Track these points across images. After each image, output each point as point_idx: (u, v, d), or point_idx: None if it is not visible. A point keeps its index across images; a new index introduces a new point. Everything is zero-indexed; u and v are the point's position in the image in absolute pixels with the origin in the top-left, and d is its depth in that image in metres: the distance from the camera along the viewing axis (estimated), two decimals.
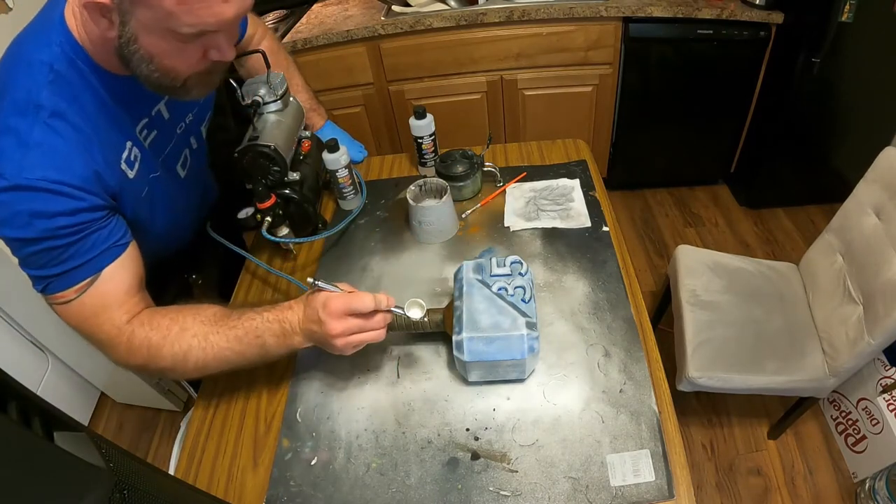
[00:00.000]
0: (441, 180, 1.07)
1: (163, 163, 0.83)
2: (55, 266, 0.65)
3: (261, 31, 1.08)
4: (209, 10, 0.58)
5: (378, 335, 0.73)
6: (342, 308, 0.69)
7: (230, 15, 0.60)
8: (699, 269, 1.42)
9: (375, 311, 0.72)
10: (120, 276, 0.70)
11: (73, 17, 0.65)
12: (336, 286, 0.73)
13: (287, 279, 1.01)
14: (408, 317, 0.75)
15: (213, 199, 1.08)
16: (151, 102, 0.79)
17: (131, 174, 0.74)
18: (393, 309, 0.74)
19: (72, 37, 0.65)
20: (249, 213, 0.96)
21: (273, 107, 1.01)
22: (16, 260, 0.67)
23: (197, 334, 0.72)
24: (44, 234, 0.63)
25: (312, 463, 0.76)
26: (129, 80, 0.69)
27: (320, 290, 0.72)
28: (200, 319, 0.73)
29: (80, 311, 0.68)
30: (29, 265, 0.66)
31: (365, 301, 0.70)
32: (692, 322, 1.31)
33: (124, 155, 0.73)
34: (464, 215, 1.12)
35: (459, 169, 1.12)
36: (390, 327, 0.84)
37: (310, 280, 0.72)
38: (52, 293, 0.67)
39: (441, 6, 1.95)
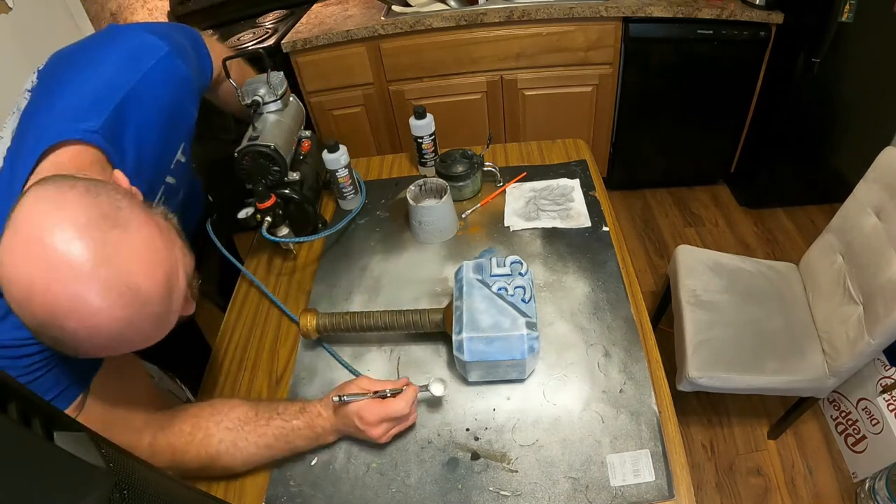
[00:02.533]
0: (441, 180, 1.07)
1: None
2: (45, 394, 0.61)
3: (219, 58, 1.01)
4: None
5: (413, 419, 0.76)
6: (378, 417, 0.71)
7: None
8: (699, 269, 1.42)
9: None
10: (112, 383, 0.66)
11: None
12: (360, 393, 0.72)
13: (279, 306, 1.00)
14: (432, 395, 0.76)
15: (199, 211, 1.04)
16: None
17: None
18: (420, 394, 0.75)
19: None
20: (249, 213, 0.96)
21: (273, 107, 1.01)
22: None
23: (223, 440, 0.71)
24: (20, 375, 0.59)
25: (312, 463, 0.76)
26: None
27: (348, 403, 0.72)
28: (226, 426, 0.72)
29: (92, 424, 0.66)
30: None
31: (399, 407, 0.71)
32: (692, 322, 1.31)
33: None
34: (464, 215, 1.12)
35: (459, 169, 1.12)
36: (391, 327, 0.85)
37: (335, 399, 0.71)
38: (63, 410, 0.64)
39: (441, 6, 1.95)
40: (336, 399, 0.72)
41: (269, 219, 0.96)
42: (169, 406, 0.75)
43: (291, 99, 1.08)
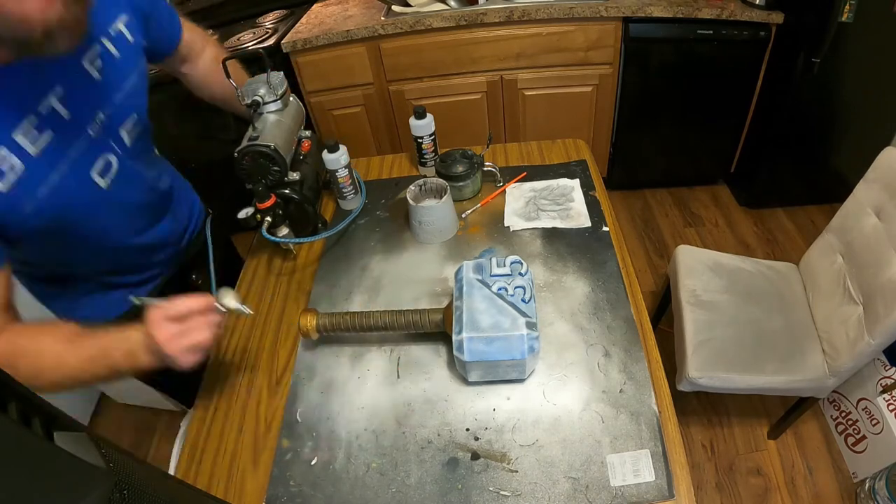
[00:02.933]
0: (441, 180, 1.07)
1: (69, 171, 0.73)
2: None
3: (200, 41, 1.03)
4: None
5: (204, 336, 0.71)
6: (160, 316, 0.69)
7: None
8: (699, 269, 1.42)
9: (192, 313, 0.71)
10: None
11: None
12: (161, 300, 0.71)
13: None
14: (224, 308, 0.74)
15: (189, 207, 1.03)
16: (35, 96, 0.69)
17: (2, 187, 0.65)
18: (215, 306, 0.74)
19: None
20: (249, 213, 0.96)
21: (273, 106, 1.01)
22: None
23: (51, 352, 0.70)
24: None
25: (312, 463, 0.76)
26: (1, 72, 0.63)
27: (145, 305, 0.71)
28: (56, 338, 0.71)
29: None
30: None
31: (179, 305, 0.70)
32: (692, 322, 1.31)
33: None
34: (464, 215, 1.12)
35: (459, 169, 1.12)
36: (391, 327, 0.84)
37: (130, 297, 0.71)
38: None
39: (441, 6, 1.95)
40: (131, 298, 0.71)
41: (269, 219, 0.96)
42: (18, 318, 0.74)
43: (291, 99, 1.08)
